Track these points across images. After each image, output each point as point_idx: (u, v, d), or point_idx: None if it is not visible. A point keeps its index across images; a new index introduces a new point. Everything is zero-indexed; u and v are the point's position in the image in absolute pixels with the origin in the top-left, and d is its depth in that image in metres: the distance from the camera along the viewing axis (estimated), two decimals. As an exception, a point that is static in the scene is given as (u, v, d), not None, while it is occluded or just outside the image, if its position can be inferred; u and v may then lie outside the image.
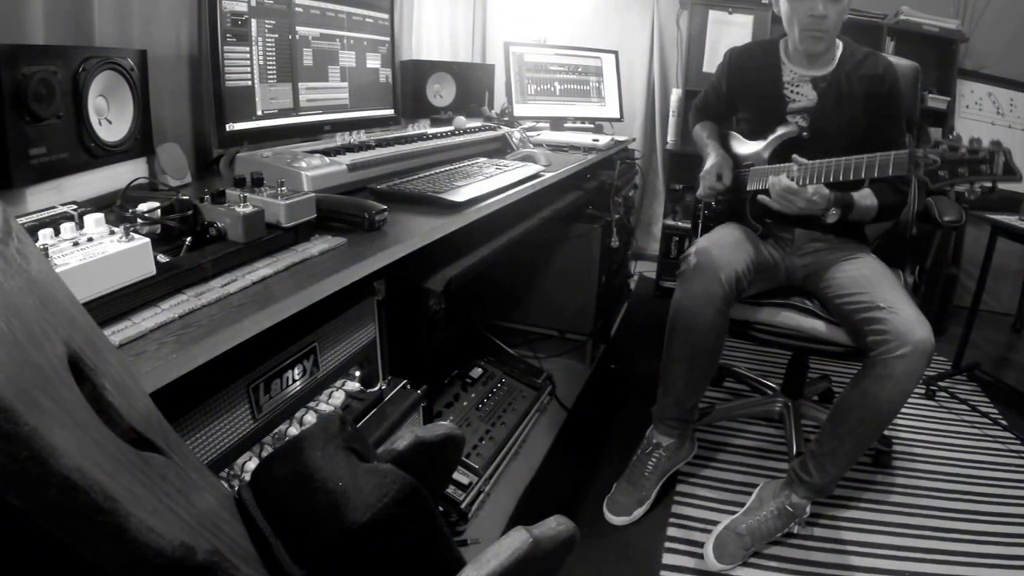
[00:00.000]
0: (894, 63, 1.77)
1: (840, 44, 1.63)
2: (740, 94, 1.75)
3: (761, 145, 1.63)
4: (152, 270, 0.70)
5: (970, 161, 1.22)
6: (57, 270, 0.58)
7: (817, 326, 1.56)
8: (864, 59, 1.60)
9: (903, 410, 2.13)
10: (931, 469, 1.85)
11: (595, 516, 1.57)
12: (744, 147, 1.72)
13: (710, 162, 1.71)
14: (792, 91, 1.63)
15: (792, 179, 1.46)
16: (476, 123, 2.05)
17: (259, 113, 1.31)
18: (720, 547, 1.44)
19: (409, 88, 2.08)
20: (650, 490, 1.60)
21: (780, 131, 1.60)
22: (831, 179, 1.42)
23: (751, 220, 1.65)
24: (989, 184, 1.21)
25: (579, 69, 2.65)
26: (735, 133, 1.78)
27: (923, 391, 2.30)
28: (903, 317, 1.34)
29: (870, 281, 1.47)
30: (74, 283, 0.53)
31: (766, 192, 1.55)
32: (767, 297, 1.63)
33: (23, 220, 0.78)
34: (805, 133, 1.60)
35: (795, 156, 1.47)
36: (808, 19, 1.51)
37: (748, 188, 1.65)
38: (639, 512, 1.57)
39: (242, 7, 1.23)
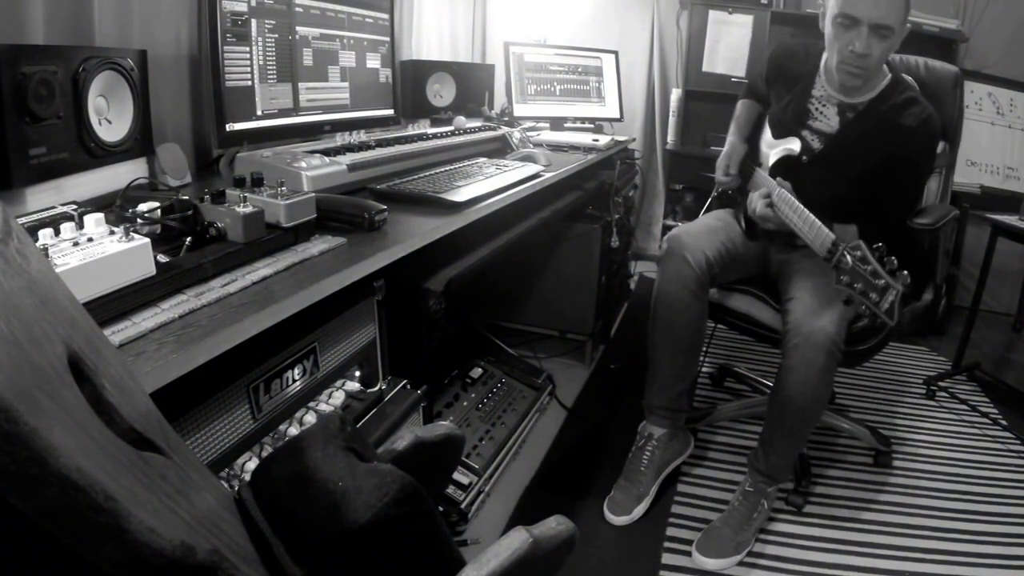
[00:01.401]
0: (933, 68, 1.68)
1: (888, 76, 1.50)
2: (774, 91, 1.69)
3: (774, 149, 1.61)
4: (152, 270, 0.70)
5: (867, 281, 1.18)
6: (57, 270, 0.58)
7: (763, 314, 1.60)
8: (905, 105, 1.46)
9: (903, 410, 2.16)
10: (931, 469, 1.85)
11: (595, 516, 1.57)
12: (765, 144, 1.69)
13: (724, 151, 1.74)
14: (817, 108, 1.56)
15: (767, 204, 1.49)
16: (476, 123, 2.05)
17: (259, 113, 1.31)
18: (701, 546, 1.45)
19: (409, 88, 2.08)
20: (648, 486, 1.60)
21: (784, 146, 1.58)
22: (785, 224, 1.45)
23: (740, 219, 1.67)
24: (869, 316, 1.18)
25: (579, 69, 2.65)
26: (767, 124, 1.74)
27: (923, 391, 2.30)
28: (801, 308, 1.38)
29: (808, 274, 1.48)
30: (74, 283, 0.53)
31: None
32: (740, 284, 1.68)
33: (23, 220, 0.78)
34: (805, 157, 1.55)
35: (779, 179, 1.49)
36: (849, 54, 1.38)
37: (748, 186, 1.65)
38: (639, 511, 1.57)
39: (242, 7, 1.23)
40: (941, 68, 1.70)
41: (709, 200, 1.91)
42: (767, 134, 1.71)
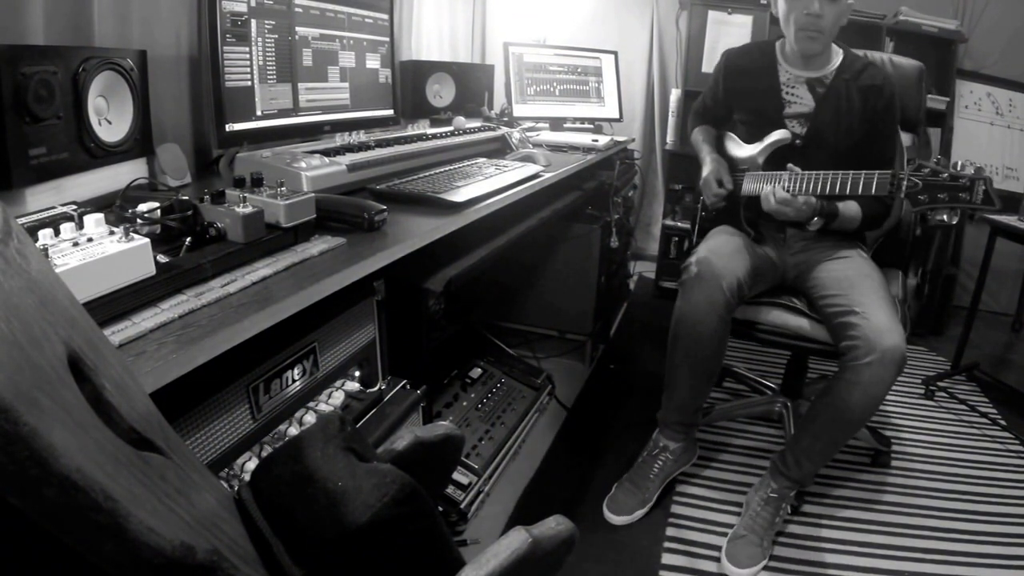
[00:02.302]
0: (898, 63, 1.77)
1: (840, 51, 1.62)
2: (737, 96, 1.74)
3: (757, 149, 1.63)
4: (152, 270, 0.70)
5: (950, 187, 1.24)
6: (57, 270, 0.58)
7: (803, 324, 1.57)
8: (864, 69, 1.59)
9: (902, 410, 2.16)
10: (930, 469, 1.85)
11: (595, 516, 1.57)
12: (740, 150, 1.71)
13: (706, 170, 1.72)
14: (789, 93, 1.62)
15: (786, 188, 1.47)
16: (475, 123, 2.05)
17: (259, 113, 1.31)
18: (733, 557, 1.43)
19: (409, 88, 2.08)
20: (653, 492, 1.61)
21: (775, 137, 1.59)
22: (818, 192, 1.44)
23: (744, 225, 1.66)
24: (969, 212, 1.23)
25: (578, 69, 2.65)
26: (732, 135, 1.78)
27: (922, 391, 2.30)
28: (874, 323, 1.34)
29: (852, 282, 1.47)
30: (74, 283, 0.53)
31: (758, 197, 1.56)
32: (763, 296, 1.64)
33: (23, 220, 0.78)
34: (798, 140, 1.59)
35: (790, 165, 1.48)
36: (804, 18, 1.50)
37: (743, 192, 1.65)
38: (639, 513, 1.57)
39: (242, 7, 1.23)
40: (906, 63, 1.80)
41: (698, 221, 1.88)
42: (735, 144, 1.74)
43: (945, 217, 1.28)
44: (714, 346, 1.50)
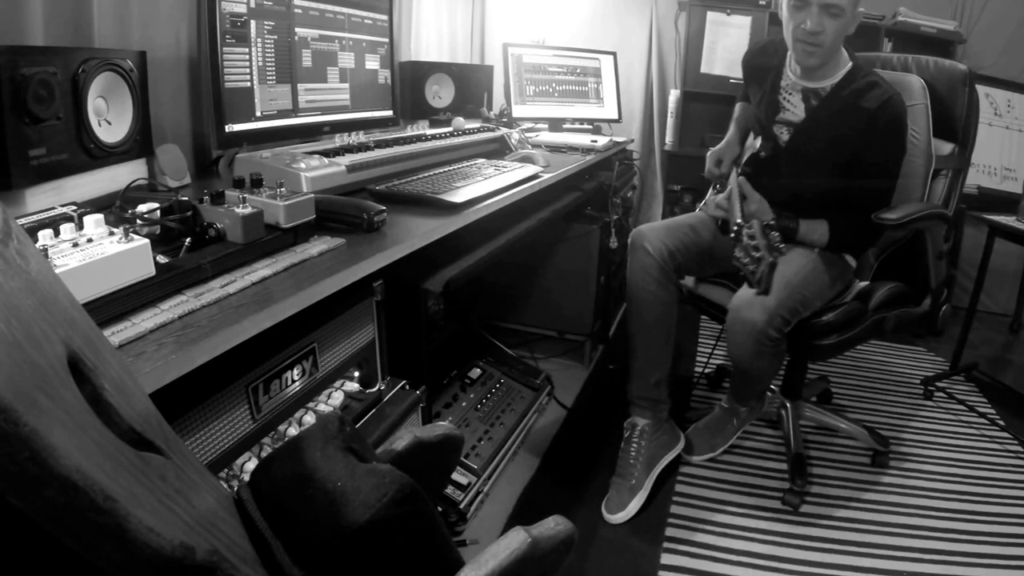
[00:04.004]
0: (941, 65, 1.69)
1: (849, 64, 1.56)
2: (751, 90, 1.77)
3: (748, 150, 1.67)
4: (151, 271, 0.70)
5: (750, 254, 1.37)
6: (57, 271, 0.58)
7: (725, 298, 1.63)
8: (866, 89, 1.51)
9: (900, 410, 2.17)
10: (928, 469, 1.85)
11: (594, 516, 1.58)
12: (749, 144, 1.75)
13: (719, 146, 1.78)
14: (785, 99, 1.64)
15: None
16: (475, 124, 2.05)
17: (258, 114, 1.31)
18: (689, 444, 1.78)
19: (408, 89, 2.08)
20: (640, 479, 1.61)
21: (755, 144, 1.64)
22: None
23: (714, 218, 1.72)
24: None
25: (577, 70, 2.65)
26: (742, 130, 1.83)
27: (921, 391, 2.30)
28: (739, 293, 1.49)
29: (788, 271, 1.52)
30: (74, 284, 0.54)
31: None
32: (723, 278, 1.76)
33: (23, 221, 0.78)
34: (763, 153, 1.64)
35: (741, 179, 1.58)
36: (801, 31, 1.48)
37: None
38: (634, 505, 1.57)
39: (241, 8, 1.23)
40: (950, 67, 1.68)
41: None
42: (750, 136, 1.77)
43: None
44: (658, 310, 1.61)
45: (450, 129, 1.81)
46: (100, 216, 0.71)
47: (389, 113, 1.77)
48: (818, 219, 1.57)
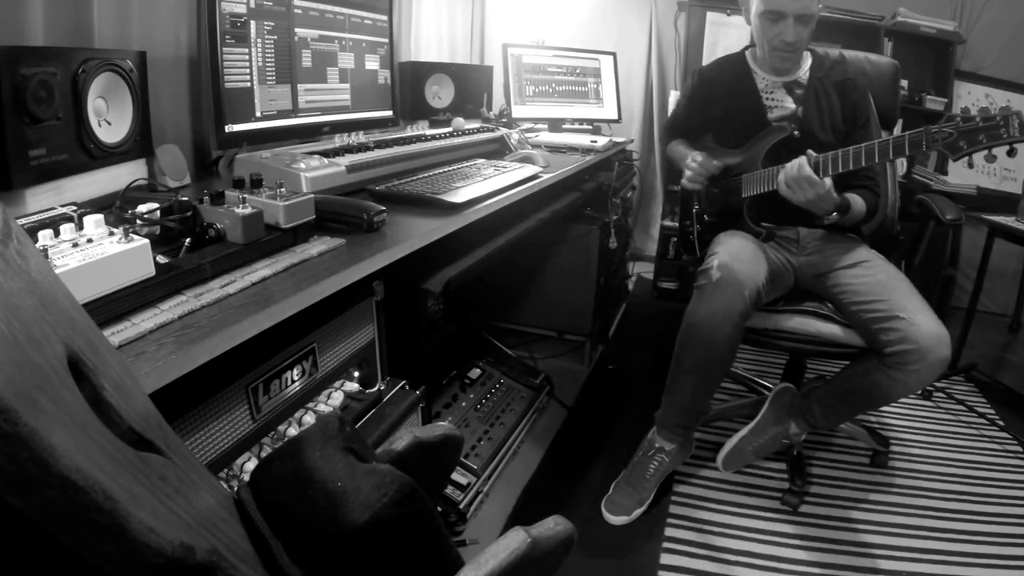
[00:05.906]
0: (875, 61, 1.84)
1: (808, 54, 1.68)
2: (715, 107, 1.76)
3: (750, 152, 1.63)
4: (151, 271, 0.70)
5: (986, 128, 1.27)
6: (57, 271, 0.58)
7: (835, 331, 1.53)
8: (833, 66, 1.67)
9: (900, 411, 2.17)
10: (928, 469, 1.85)
11: (593, 516, 1.58)
12: (729, 157, 1.70)
13: (697, 157, 1.69)
14: (769, 98, 1.67)
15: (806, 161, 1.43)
16: (474, 124, 2.05)
17: (258, 115, 1.31)
18: (727, 461, 1.70)
19: (408, 89, 2.08)
20: (650, 492, 1.61)
21: (771, 135, 1.60)
22: (850, 166, 1.40)
23: (751, 225, 1.63)
24: (1007, 147, 1.27)
25: (577, 71, 2.65)
26: (713, 146, 1.78)
27: (920, 392, 2.30)
28: (925, 331, 1.36)
29: (886, 287, 1.46)
30: (74, 284, 0.54)
31: (763, 197, 1.57)
32: (779, 303, 1.60)
33: (23, 221, 0.78)
34: (796, 132, 1.61)
35: (809, 151, 1.44)
36: (780, 43, 1.56)
37: (744, 195, 1.64)
38: (637, 512, 1.58)
39: (241, 9, 1.23)
40: (883, 61, 1.87)
41: (695, 223, 1.85)
42: (722, 153, 1.73)
43: (984, 157, 1.35)
44: (724, 353, 1.47)
45: (450, 129, 1.81)
46: (100, 216, 0.71)
47: (389, 113, 1.77)
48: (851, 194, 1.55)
